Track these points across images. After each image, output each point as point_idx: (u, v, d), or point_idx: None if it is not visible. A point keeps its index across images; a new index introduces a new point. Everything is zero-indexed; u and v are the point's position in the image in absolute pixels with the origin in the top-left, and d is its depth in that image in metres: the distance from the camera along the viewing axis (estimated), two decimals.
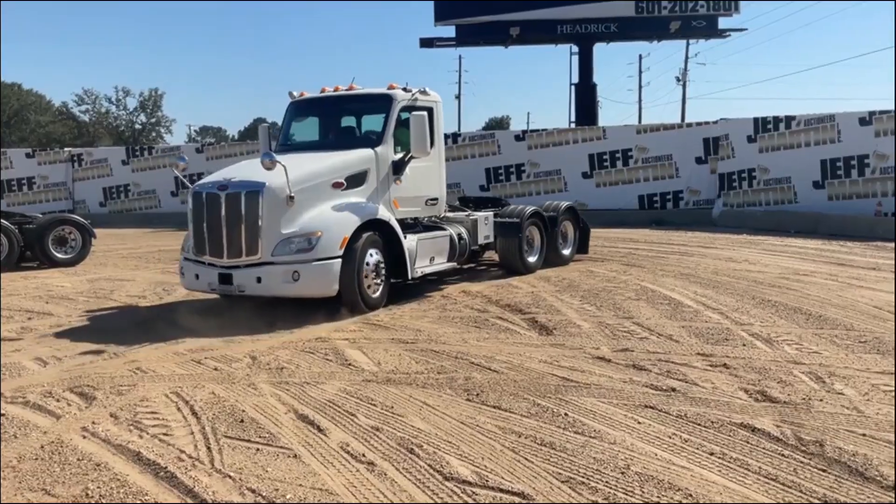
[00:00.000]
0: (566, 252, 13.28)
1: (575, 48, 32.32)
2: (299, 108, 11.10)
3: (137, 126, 77.65)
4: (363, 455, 4.42)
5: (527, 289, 10.38)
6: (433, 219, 11.00)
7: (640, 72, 65.32)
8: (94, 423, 5.10)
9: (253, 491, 3.96)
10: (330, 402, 5.44)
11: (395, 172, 9.97)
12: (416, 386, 5.84)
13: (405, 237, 9.74)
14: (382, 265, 9.40)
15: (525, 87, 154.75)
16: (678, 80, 61.78)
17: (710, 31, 29.10)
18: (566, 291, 10.08)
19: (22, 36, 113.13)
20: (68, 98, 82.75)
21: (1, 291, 10.92)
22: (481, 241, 11.62)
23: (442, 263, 10.69)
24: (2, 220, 13.90)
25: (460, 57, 71.58)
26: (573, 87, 32.91)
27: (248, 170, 9.29)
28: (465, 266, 12.53)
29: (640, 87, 66.00)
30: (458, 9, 28.77)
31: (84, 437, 4.83)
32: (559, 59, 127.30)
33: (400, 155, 10.05)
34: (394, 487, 3.99)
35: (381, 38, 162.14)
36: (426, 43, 30.43)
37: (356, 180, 9.50)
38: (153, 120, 78.74)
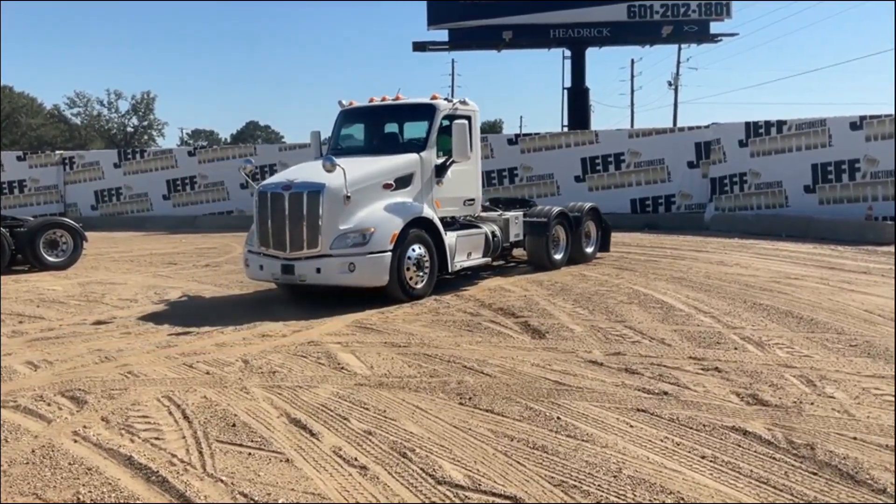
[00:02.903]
0: (589, 250, 13.94)
1: (567, 52, 32.42)
2: (348, 116, 11.92)
3: (129, 129, 77.48)
4: (356, 459, 4.42)
5: (519, 292, 10.39)
6: (468, 218, 11.79)
7: (633, 76, 66.04)
8: (85, 426, 5.08)
9: (245, 495, 3.95)
10: (322, 406, 5.43)
11: (437, 175, 10.82)
12: (408, 390, 5.83)
13: (446, 234, 10.60)
14: (426, 259, 10.20)
15: (518, 90, 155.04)
16: (670, 84, 61.96)
17: (702, 35, 29.21)
18: (558, 295, 10.09)
19: (14, 38, 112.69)
20: (60, 101, 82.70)
21: (0, 293, 10.89)
22: (512, 238, 12.44)
23: (478, 259, 11.53)
24: None
25: (453, 61, 71.71)
26: (566, 92, 32.92)
27: (309, 171, 10.09)
28: (496, 263, 12.96)
29: (633, 91, 66.46)
30: (450, 13, 28.78)
31: (75, 441, 4.81)
32: (552, 64, 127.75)
33: (442, 159, 10.87)
34: (386, 492, 3.99)
35: (374, 42, 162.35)
36: (419, 47, 30.43)
37: (403, 182, 10.36)
38: (145, 123, 78.62)
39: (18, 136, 65.18)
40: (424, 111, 11.05)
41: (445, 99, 11.24)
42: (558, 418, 5.06)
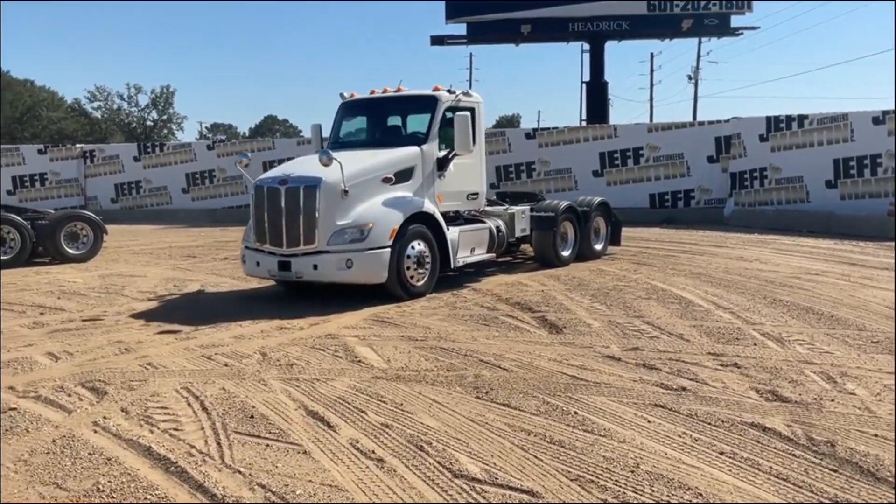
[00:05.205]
0: (598, 246, 13.69)
1: (586, 46, 32.24)
2: (349, 109, 11.65)
3: (149, 123, 78.12)
4: (373, 452, 4.43)
5: (536, 287, 10.36)
6: (473, 212, 11.54)
7: (652, 70, 65.15)
8: (105, 417, 5.12)
9: (263, 486, 3.97)
10: (340, 399, 5.45)
11: (439, 169, 10.53)
12: (425, 383, 5.84)
13: (448, 229, 10.26)
14: (427, 255, 9.92)
15: (536, 84, 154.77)
16: (690, 78, 61.61)
17: (723, 29, 28.97)
18: (576, 290, 10.06)
19: (35, 33, 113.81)
20: (81, 95, 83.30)
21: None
22: (518, 234, 12.18)
23: (482, 254, 11.28)
24: (14, 216, 14.00)
25: (471, 55, 71.48)
26: (584, 86, 32.74)
27: (306, 166, 9.89)
28: (502, 259, 12.83)
29: (652, 85, 65.83)
30: (469, 7, 28.74)
31: (95, 432, 4.85)
32: (570, 57, 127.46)
33: (444, 152, 10.60)
34: (403, 484, 3.99)
35: (392, 36, 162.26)
36: (437, 41, 30.40)
37: (404, 176, 10.07)
38: (164, 117, 79.28)
39: (39, 130, 65.82)
40: (426, 103, 10.75)
41: (448, 90, 10.87)
42: (575, 413, 5.05)
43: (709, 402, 5.21)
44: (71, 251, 14.43)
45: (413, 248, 9.69)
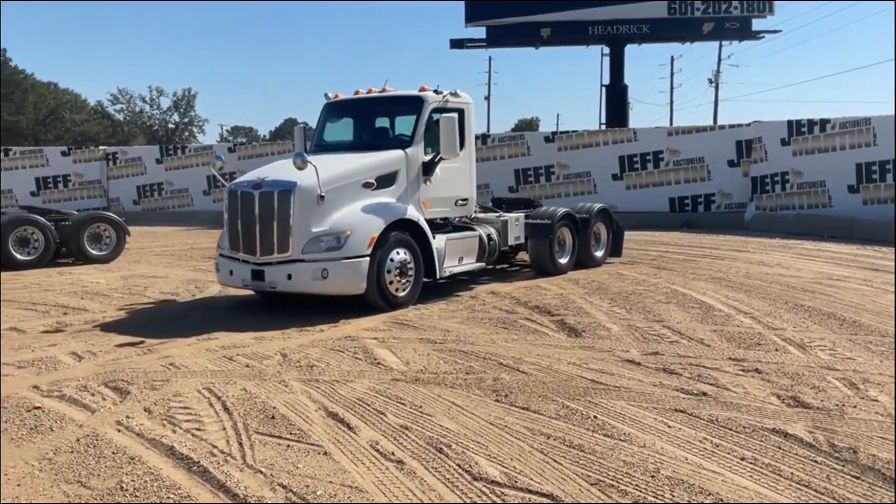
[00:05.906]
0: (598, 254, 13.28)
1: (606, 49, 32.18)
2: (334, 110, 11.23)
3: (171, 125, 78.77)
4: (392, 453, 4.45)
5: (555, 291, 10.34)
6: (463, 219, 11.08)
7: (672, 73, 64.91)
8: (128, 417, 5.18)
9: (283, 487, 4.00)
10: (359, 401, 5.48)
11: (424, 173, 10.03)
12: (444, 386, 5.85)
13: (434, 237, 9.82)
14: (410, 264, 9.45)
15: (555, 88, 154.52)
16: (711, 81, 61.25)
17: (744, 32, 28.75)
18: (595, 294, 10.03)
19: (59, 36, 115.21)
20: (103, 97, 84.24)
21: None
22: (512, 241, 11.71)
23: (471, 263, 10.80)
24: (38, 217, 14.19)
25: (490, 58, 71.60)
26: (604, 89, 32.72)
27: (281, 170, 9.38)
28: (497, 267, 12.61)
29: (672, 88, 65.65)
30: (488, 10, 28.73)
31: (118, 431, 4.91)
32: (590, 61, 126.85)
33: (430, 156, 10.09)
34: (423, 486, 4.01)
35: (412, 39, 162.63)
36: (456, 44, 30.41)
37: (386, 181, 9.57)
38: (186, 119, 79.89)
39: (63, 132, 66.46)
40: (411, 104, 10.28)
41: (435, 90, 10.37)
42: (595, 417, 5.04)
43: (730, 408, 5.19)
44: (94, 252, 14.59)
45: (395, 256, 9.23)
